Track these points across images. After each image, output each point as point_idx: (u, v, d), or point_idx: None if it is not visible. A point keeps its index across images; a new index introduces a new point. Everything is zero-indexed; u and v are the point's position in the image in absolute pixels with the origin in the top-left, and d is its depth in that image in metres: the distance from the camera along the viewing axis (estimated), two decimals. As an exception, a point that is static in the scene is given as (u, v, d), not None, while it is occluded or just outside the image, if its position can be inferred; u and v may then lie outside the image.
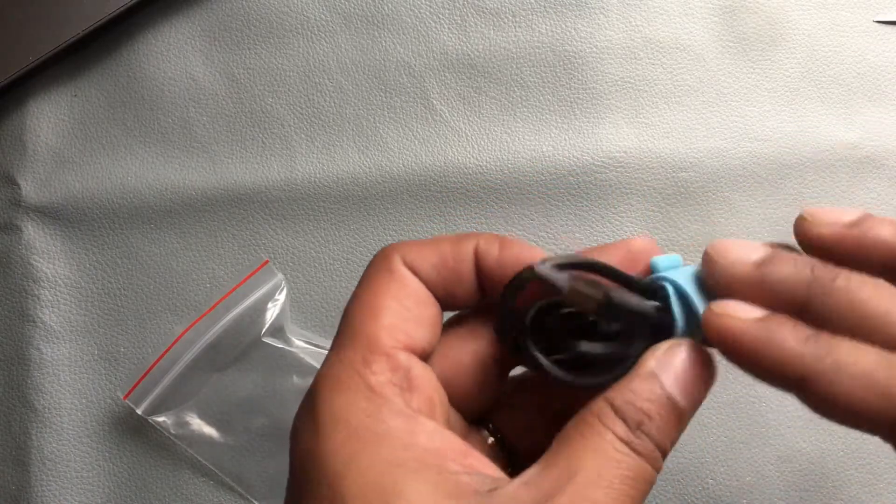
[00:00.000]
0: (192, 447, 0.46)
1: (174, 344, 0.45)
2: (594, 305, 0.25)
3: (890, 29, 0.51)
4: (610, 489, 0.24)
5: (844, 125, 0.49)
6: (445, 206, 0.49)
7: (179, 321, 0.48)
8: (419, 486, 0.24)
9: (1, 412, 0.47)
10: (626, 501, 0.24)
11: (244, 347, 0.46)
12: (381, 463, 0.24)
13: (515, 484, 0.24)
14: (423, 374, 0.27)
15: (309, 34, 0.51)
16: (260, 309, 0.47)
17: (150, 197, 0.49)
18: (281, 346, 0.47)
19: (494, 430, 0.30)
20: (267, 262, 0.47)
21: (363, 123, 0.50)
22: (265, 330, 0.47)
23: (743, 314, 0.25)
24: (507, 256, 0.28)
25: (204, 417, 0.46)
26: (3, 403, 0.47)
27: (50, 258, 0.49)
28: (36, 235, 0.49)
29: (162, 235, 0.49)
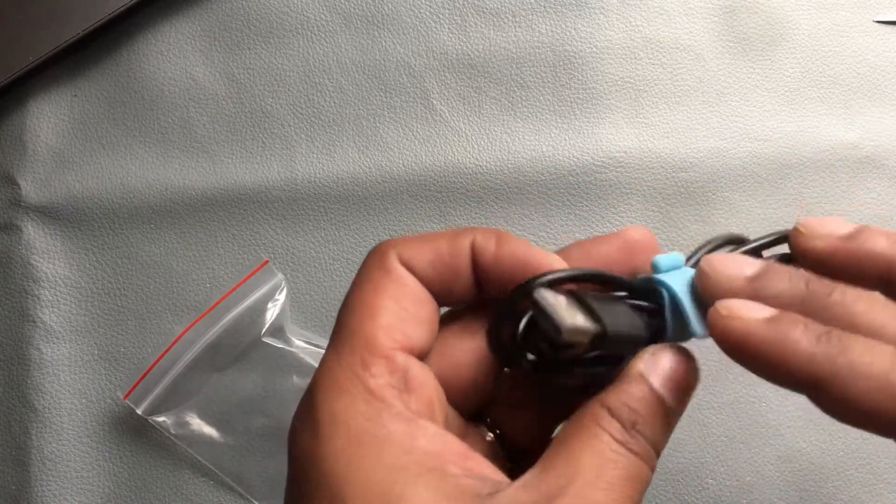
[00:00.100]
0: (192, 447, 0.46)
1: (174, 344, 0.45)
2: (588, 342, 0.26)
3: (890, 29, 0.51)
4: (610, 490, 0.24)
5: (844, 125, 0.49)
6: (445, 206, 0.49)
7: (179, 321, 0.48)
8: (420, 490, 0.24)
9: (1, 412, 0.47)
10: (625, 502, 0.25)
11: (244, 347, 0.46)
12: (382, 468, 0.24)
13: (515, 486, 0.25)
14: (421, 374, 0.27)
15: (309, 34, 0.51)
16: (260, 309, 0.47)
17: (150, 197, 0.49)
18: (281, 346, 0.47)
19: (492, 424, 0.30)
20: (267, 262, 0.47)
21: (363, 123, 0.50)
22: (265, 330, 0.47)
23: (750, 314, 0.25)
24: (504, 252, 0.28)
25: (204, 417, 0.46)
26: (3, 403, 0.47)
27: (50, 258, 0.49)
28: (36, 235, 0.49)
29: (162, 235, 0.49)
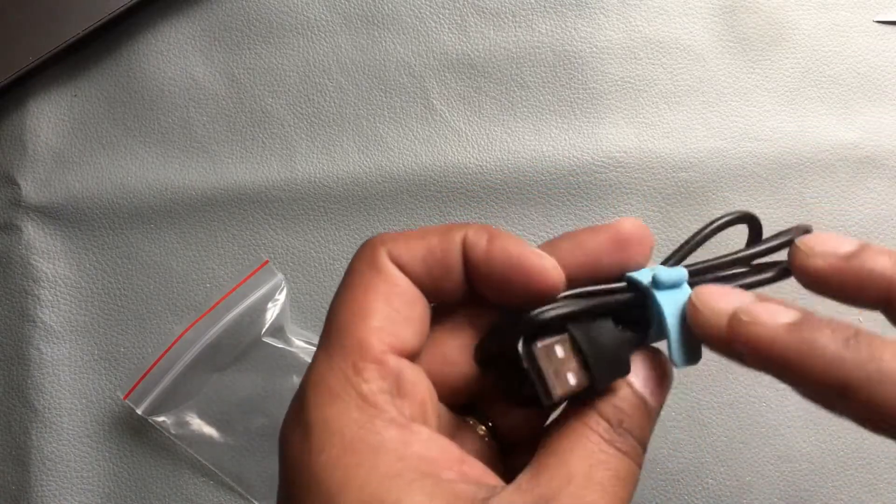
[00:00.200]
0: (192, 447, 0.46)
1: (174, 344, 0.45)
2: (575, 393, 0.26)
3: (890, 29, 0.51)
4: (603, 491, 0.25)
5: (844, 125, 0.49)
6: (445, 206, 0.49)
7: (179, 321, 0.48)
8: (416, 496, 0.24)
9: (1, 412, 0.47)
10: (616, 501, 0.25)
11: (244, 347, 0.46)
12: (377, 476, 0.24)
13: (510, 490, 0.25)
14: (413, 377, 0.27)
15: (309, 34, 0.51)
16: (260, 309, 0.47)
17: (150, 197, 0.49)
18: (281, 346, 0.47)
19: (482, 415, 0.30)
20: (267, 262, 0.47)
21: (363, 123, 0.50)
22: (265, 330, 0.47)
23: (773, 319, 0.25)
24: (495, 249, 0.27)
25: (204, 417, 0.46)
26: (3, 403, 0.47)
27: (50, 258, 0.48)
28: (36, 235, 0.49)
29: (162, 235, 0.49)
